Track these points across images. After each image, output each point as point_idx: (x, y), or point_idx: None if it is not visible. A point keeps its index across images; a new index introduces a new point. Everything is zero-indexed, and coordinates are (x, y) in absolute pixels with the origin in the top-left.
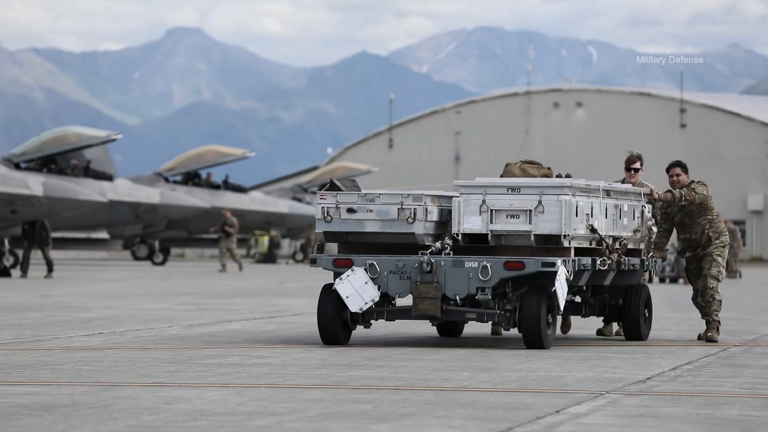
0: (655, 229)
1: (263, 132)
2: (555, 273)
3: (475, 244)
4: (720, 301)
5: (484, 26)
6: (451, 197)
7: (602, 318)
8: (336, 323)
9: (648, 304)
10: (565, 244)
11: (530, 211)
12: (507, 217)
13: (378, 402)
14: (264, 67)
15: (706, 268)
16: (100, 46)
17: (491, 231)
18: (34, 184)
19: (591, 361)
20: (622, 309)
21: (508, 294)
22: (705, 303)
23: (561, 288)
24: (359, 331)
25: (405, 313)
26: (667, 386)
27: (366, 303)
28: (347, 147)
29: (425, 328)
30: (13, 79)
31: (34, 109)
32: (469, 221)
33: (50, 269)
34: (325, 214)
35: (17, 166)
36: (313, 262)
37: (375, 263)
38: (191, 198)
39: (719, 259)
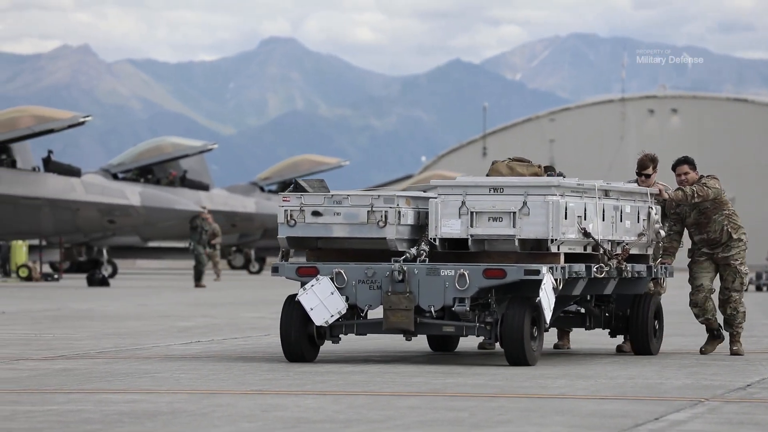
0: (663, 232)
1: (356, 140)
2: (540, 281)
3: (455, 250)
4: (744, 312)
5: (577, 33)
6: (428, 198)
7: (607, 331)
8: (301, 338)
9: (658, 315)
10: (553, 249)
11: (514, 213)
12: (489, 220)
13: (474, 409)
14: (357, 75)
15: (729, 281)
16: (195, 56)
17: (472, 236)
18: (132, 194)
19: (689, 368)
20: (629, 321)
21: (491, 305)
22: (728, 316)
23: (547, 298)
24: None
25: (377, 327)
26: None
27: (332, 316)
28: (441, 155)
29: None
30: (110, 90)
31: (130, 120)
32: (447, 225)
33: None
34: (288, 218)
35: (115, 177)
36: (275, 270)
37: (342, 272)
38: None
39: (742, 268)
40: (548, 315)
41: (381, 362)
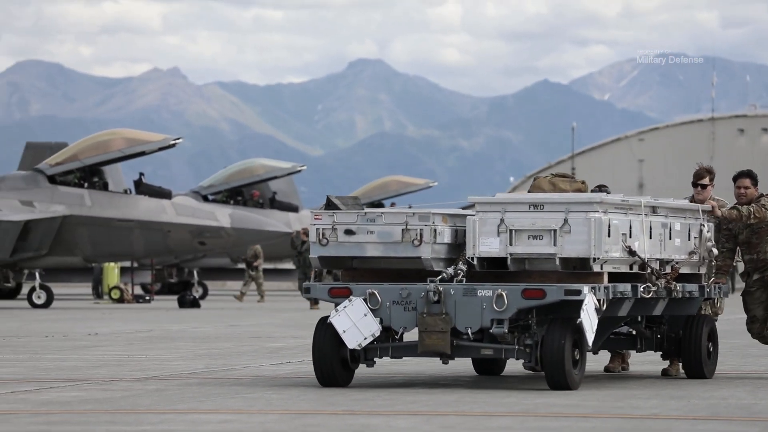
0: (716, 251)
1: (444, 161)
2: (581, 302)
3: (494, 269)
4: None
5: (666, 53)
6: (466, 216)
7: (660, 354)
8: (333, 362)
9: (712, 337)
10: (596, 268)
11: (555, 230)
12: (529, 238)
13: (566, 429)
14: (444, 96)
15: None
16: (283, 78)
17: (511, 254)
18: (222, 216)
19: None
20: (682, 343)
21: (532, 327)
22: None
23: (589, 319)
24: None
25: (412, 350)
26: None
27: (365, 338)
28: (529, 176)
29: None
30: (200, 113)
31: (220, 142)
32: (485, 243)
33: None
34: (321, 237)
35: (205, 198)
36: (307, 291)
37: (376, 292)
38: None
39: None
40: (590, 337)
41: (471, 382)
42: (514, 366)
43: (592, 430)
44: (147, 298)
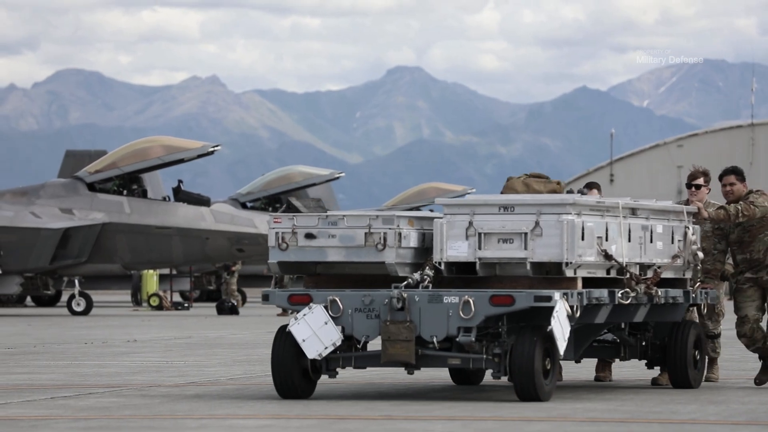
0: (701, 254)
1: (483, 168)
2: (552, 309)
3: (463, 275)
4: None
5: (705, 59)
6: (433, 219)
7: (645, 362)
8: (293, 372)
9: (699, 345)
10: (569, 273)
11: (526, 234)
12: (498, 241)
13: None
14: (483, 103)
15: None
16: (321, 86)
17: (480, 259)
18: (261, 223)
19: None
20: (667, 350)
21: (502, 335)
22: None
23: (560, 327)
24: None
25: (377, 359)
26: None
27: (326, 348)
28: (568, 182)
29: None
30: (238, 120)
31: (258, 149)
32: (453, 247)
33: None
34: (280, 241)
35: (244, 206)
36: (266, 299)
37: (337, 299)
38: None
39: None
40: (562, 345)
41: (510, 387)
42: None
43: None
44: (186, 305)
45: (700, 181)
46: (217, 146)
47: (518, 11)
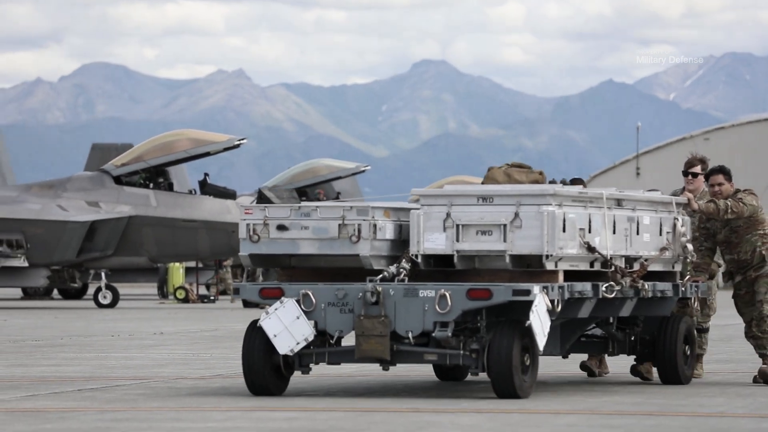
0: (690, 246)
1: (508, 161)
2: (531, 303)
3: (441, 268)
4: None
5: (732, 52)
6: (410, 210)
7: (634, 357)
8: (265, 369)
9: (690, 339)
10: (549, 266)
11: (505, 225)
12: (477, 233)
13: (631, 427)
14: (508, 96)
15: (762, 292)
16: (347, 80)
17: (458, 251)
18: None
19: None
20: (656, 345)
21: (481, 330)
22: (761, 333)
23: (540, 322)
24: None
25: (351, 355)
26: None
27: (298, 343)
28: (594, 175)
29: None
30: (264, 114)
31: (284, 142)
32: (430, 239)
33: None
34: (251, 233)
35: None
36: (237, 292)
37: (310, 293)
38: None
39: None
40: (541, 341)
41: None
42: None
43: (657, 428)
44: (212, 297)
45: (697, 169)
46: (243, 139)
47: (543, 4)
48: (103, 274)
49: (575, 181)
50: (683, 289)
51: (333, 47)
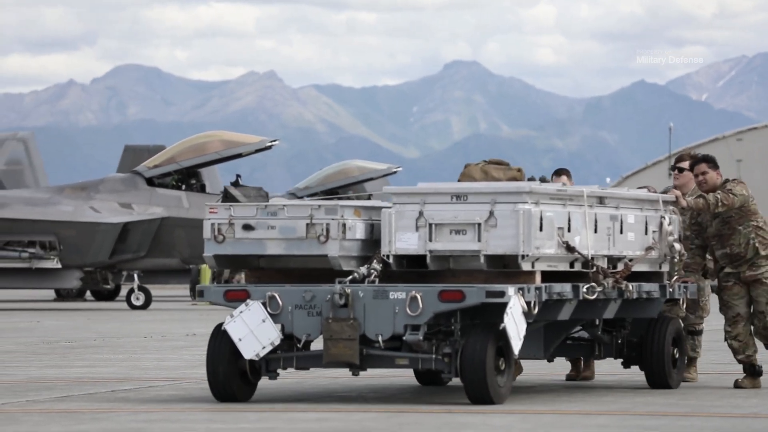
0: (677, 246)
1: (540, 162)
2: (505, 305)
3: (414, 269)
4: None
5: (765, 53)
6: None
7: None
8: (231, 375)
9: (678, 342)
10: (526, 266)
11: (479, 224)
12: (450, 233)
13: (665, 428)
14: (540, 97)
15: (762, 302)
16: (378, 81)
17: (430, 251)
18: None
19: None
20: (643, 349)
21: (455, 333)
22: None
23: (515, 324)
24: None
25: (319, 359)
26: None
27: (263, 347)
28: (626, 176)
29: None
30: (296, 115)
31: (315, 144)
32: (402, 239)
33: None
34: (216, 233)
35: (301, 200)
36: (200, 294)
37: (276, 295)
38: None
39: None
40: (517, 344)
41: (567, 381)
42: (607, 365)
43: (690, 429)
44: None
45: (685, 164)
46: (275, 141)
47: (574, 5)
48: (135, 276)
49: (560, 172)
50: (671, 290)
51: (364, 48)
